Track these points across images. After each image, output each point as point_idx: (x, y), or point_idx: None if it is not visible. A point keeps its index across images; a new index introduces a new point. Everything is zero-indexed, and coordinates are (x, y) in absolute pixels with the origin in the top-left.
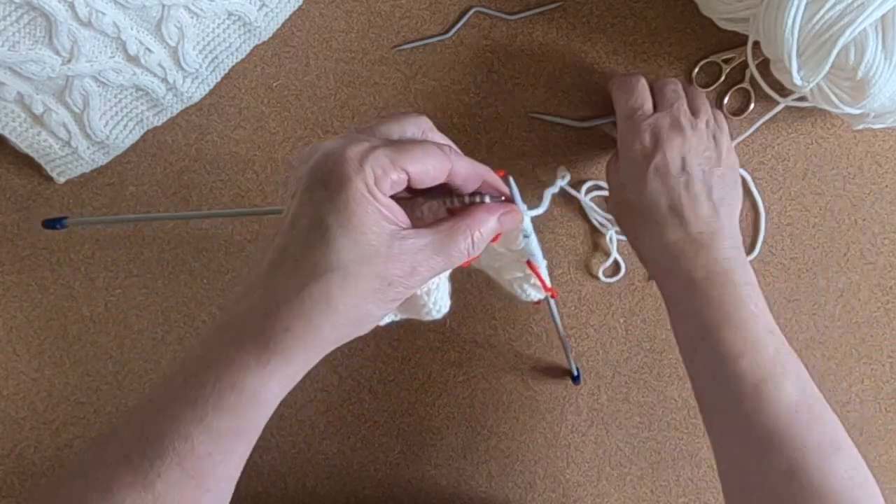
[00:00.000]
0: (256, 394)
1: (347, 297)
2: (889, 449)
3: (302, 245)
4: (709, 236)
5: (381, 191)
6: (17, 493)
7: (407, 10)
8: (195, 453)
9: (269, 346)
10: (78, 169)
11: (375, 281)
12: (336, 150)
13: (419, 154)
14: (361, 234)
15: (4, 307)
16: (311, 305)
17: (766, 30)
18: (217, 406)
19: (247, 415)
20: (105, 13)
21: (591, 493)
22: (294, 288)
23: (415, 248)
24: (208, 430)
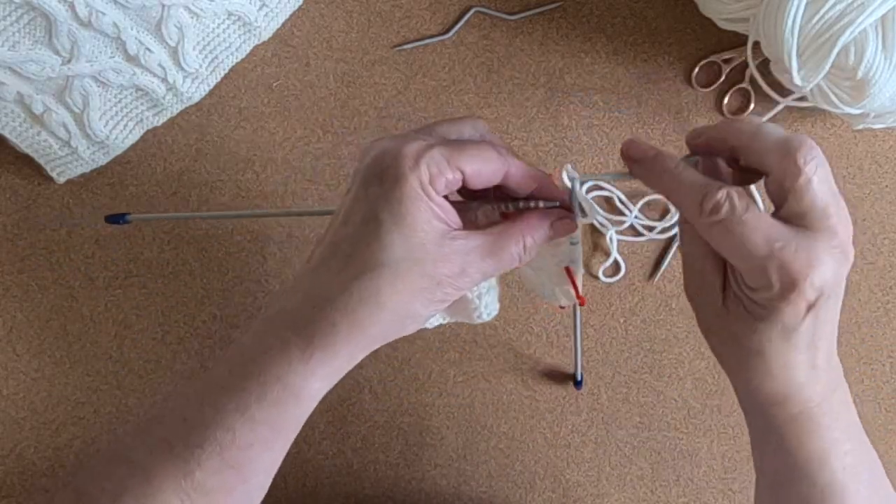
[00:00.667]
0: (299, 388)
1: (396, 294)
2: (889, 449)
3: (354, 240)
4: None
5: (435, 189)
6: (17, 493)
7: (407, 10)
8: (236, 444)
9: (314, 340)
10: (78, 169)
11: (425, 279)
12: (393, 148)
13: (475, 154)
14: (413, 232)
15: (4, 307)
16: (358, 301)
17: (766, 30)
18: (260, 398)
19: (289, 409)
20: (105, 13)
21: (591, 493)
22: (343, 283)
23: (465, 248)
24: (251, 422)
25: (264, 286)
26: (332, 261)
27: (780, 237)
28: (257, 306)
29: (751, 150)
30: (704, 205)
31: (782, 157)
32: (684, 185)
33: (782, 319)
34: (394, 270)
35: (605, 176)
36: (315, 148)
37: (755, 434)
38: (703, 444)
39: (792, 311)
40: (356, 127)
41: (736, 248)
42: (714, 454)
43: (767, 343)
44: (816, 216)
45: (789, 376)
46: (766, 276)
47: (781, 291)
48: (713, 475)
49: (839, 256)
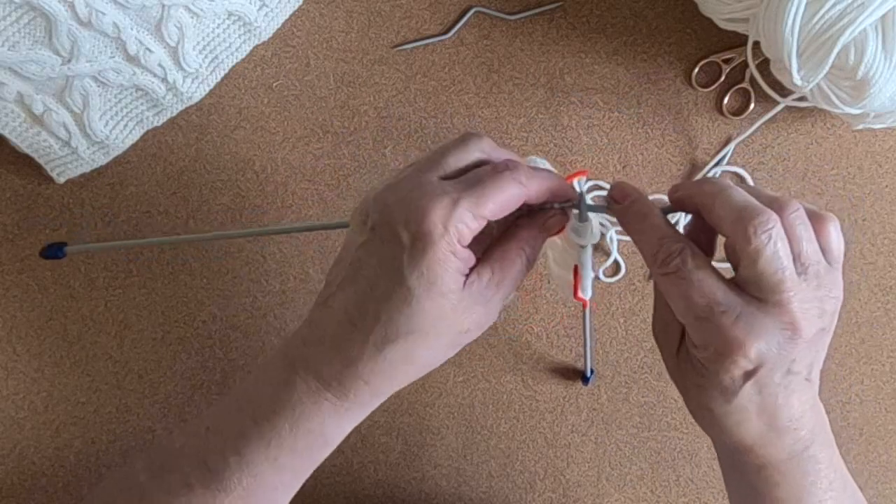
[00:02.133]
0: (332, 436)
1: (427, 353)
2: (889, 449)
3: (383, 305)
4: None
5: (462, 245)
6: (17, 493)
7: (407, 10)
8: (263, 487)
9: (348, 396)
10: (78, 169)
11: (452, 334)
12: (418, 211)
13: (496, 195)
14: (441, 296)
15: (4, 307)
16: (391, 363)
17: (766, 30)
18: (292, 447)
19: (317, 453)
20: (105, 13)
21: (591, 493)
22: (374, 347)
23: (479, 289)
24: (279, 469)
25: (264, 286)
26: (362, 323)
27: (725, 302)
28: (257, 306)
29: (712, 211)
30: (658, 254)
31: (735, 224)
32: (647, 233)
33: (720, 382)
34: (425, 334)
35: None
36: (315, 148)
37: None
38: (704, 444)
39: (727, 376)
40: (356, 127)
41: (678, 302)
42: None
43: (711, 401)
44: (766, 287)
45: (741, 434)
46: (703, 337)
47: (715, 355)
48: (713, 475)
49: (787, 334)
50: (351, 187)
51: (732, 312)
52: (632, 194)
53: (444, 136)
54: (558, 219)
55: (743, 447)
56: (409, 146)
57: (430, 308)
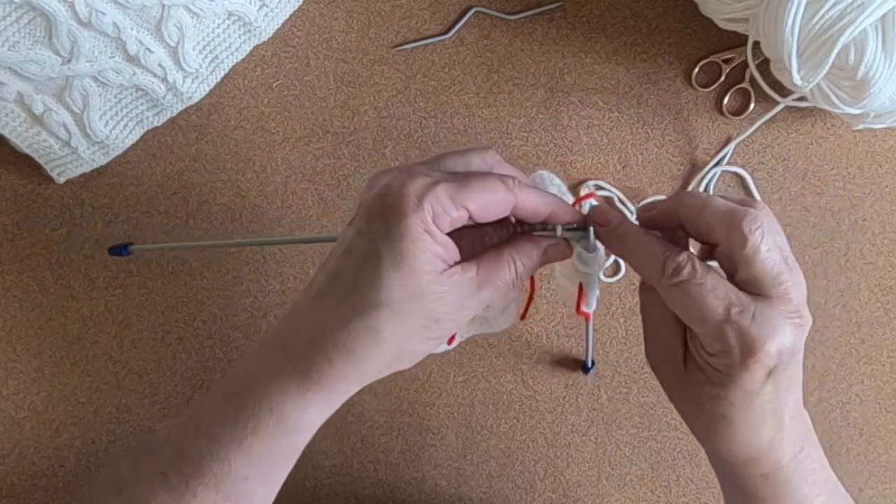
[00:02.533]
0: (295, 420)
1: (394, 333)
2: (889, 449)
3: (353, 275)
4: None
5: (439, 228)
6: (17, 493)
7: (407, 10)
8: (232, 476)
9: (311, 375)
10: (78, 169)
11: (422, 318)
12: (397, 184)
13: (480, 190)
14: (412, 272)
15: (4, 307)
16: (355, 338)
17: (766, 30)
18: (256, 429)
19: (285, 440)
20: (105, 13)
21: (591, 493)
22: (340, 318)
23: (460, 283)
24: (247, 454)
25: (264, 286)
26: (331, 293)
27: (739, 302)
28: (257, 306)
29: (699, 223)
30: (666, 266)
31: (728, 228)
32: (647, 248)
33: (742, 385)
34: (393, 310)
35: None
36: (315, 148)
37: (727, 495)
38: None
39: (751, 377)
40: (356, 127)
41: (694, 311)
42: None
43: (731, 408)
44: (769, 283)
45: (756, 440)
46: (725, 341)
47: (740, 357)
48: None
49: (797, 322)
50: (351, 187)
51: (748, 312)
52: (613, 217)
53: (443, 136)
54: (561, 249)
55: (753, 456)
56: (409, 146)
57: (399, 283)
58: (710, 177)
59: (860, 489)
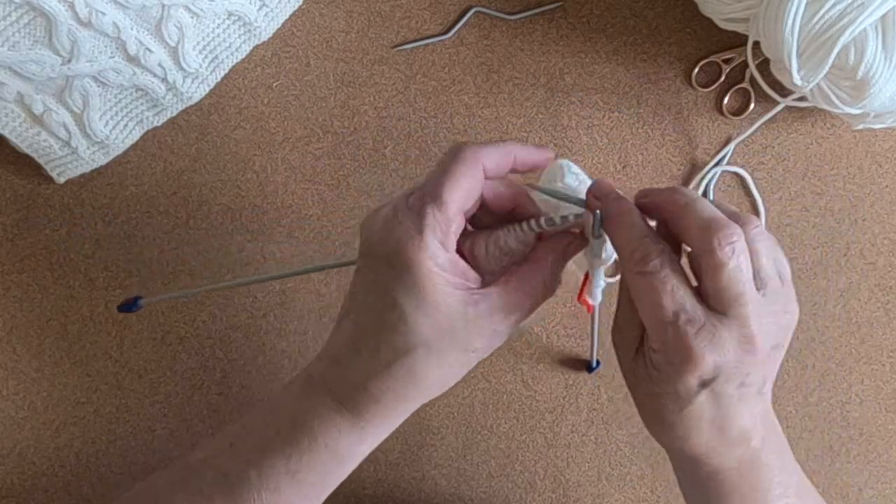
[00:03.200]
0: (349, 453)
1: (432, 370)
2: (889, 449)
3: (379, 326)
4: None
5: (447, 250)
6: (17, 493)
7: (407, 10)
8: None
9: (364, 415)
10: (78, 169)
11: (457, 352)
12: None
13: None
14: (436, 310)
15: (4, 307)
16: (398, 381)
17: (766, 30)
18: (311, 463)
19: (337, 471)
20: (105, 13)
21: (591, 493)
22: (380, 366)
23: (490, 311)
24: (299, 484)
25: (264, 286)
26: (365, 344)
27: (692, 311)
28: (257, 306)
29: (680, 220)
30: (636, 252)
31: (702, 235)
32: (627, 230)
33: (675, 388)
34: (427, 350)
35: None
36: (315, 148)
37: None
38: None
39: (683, 382)
40: (356, 127)
41: (647, 304)
42: None
43: (664, 408)
44: (727, 301)
45: (693, 443)
46: (665, 342)
47: (674, 360)
48: None
49: (745, 347)
50: (351, 187)
51: (696, 323)
52: (612, 192)
53: (443, 137)
54: (577, 244)
55: (693, 455)
56: (409, 146)
57: (425, 323)
58: (710, 177)
59: (860, 489)
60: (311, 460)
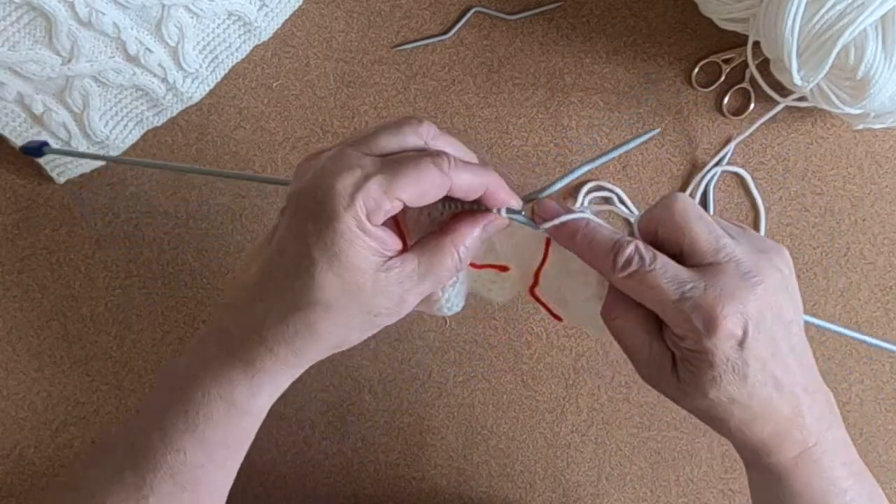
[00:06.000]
0: (245, 405)
1: (331, 328)
2: (889, 449)
3: (287, 273)
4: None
5: (372, 223)
6: (17, 493)
7: (407, 10)
8: (188, 465)
9: (256, 363)
10: (78, 169)
11: (361, 314)
12: (325, 182)
13: (414, 178)
14: (347, 271)
15: (4, 307)
16: (294, 333)
17: (766, 30)
18: (208, 416)
19: (238, 425)
20: (105, 13)
21: (591, 493)
22: (278, 313)
23: (400, 277)
24: (201, 442)
25: None
26: (268, 289)
27: (689, 279)
28: None
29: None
30: (618, 260)
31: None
32: (596, 244)
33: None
34: (327, 307)
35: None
36: (315, 148)
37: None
38: (703, 444)
39: (723, 348)
40: (356, 127)
41: (652, 297)
42: (714, 454)
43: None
44: (710, 249)
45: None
46: (686, 319)
47: (706, 332)
48: (713, 475)
49: (752, 280)
50: None
51: (700, 285)
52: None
53: None
54: (499, 223)
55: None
56: None
57: (333, 282)
58: (710, 177)
59: None
60: (207, 413)
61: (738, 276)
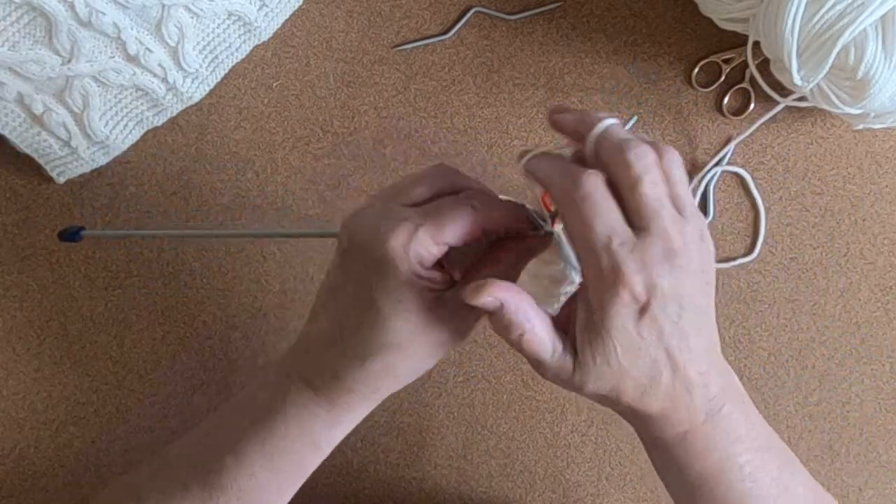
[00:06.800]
0: (323, 440)
1: (406, 365)
2: (889, 449)
3: (357, 323)
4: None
5: (424, 267)
6: (17, 493)
7: (407, 10)
8: (257, 488)
9: (337, 402)
10: (78, 169)
11: (429, 347)
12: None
13: (455, 223)
14: (411, 314)
15: (4, 307)
16: (373, 375)
17: (766, 30)
18: (285, 448)
19: (310, 458)
20: (105, 13)
21: (591, 493)
22: (355, 357)
23: (456, 308)
24: (273, 470)
25: (264, 286)
26: (342, 339)
27: (622, 233)
28: (257, 306)
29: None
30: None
31: (617, 152)
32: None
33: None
34: (400, 348)
35: None
36: (315, 148)
37: (653, 459)
38: None
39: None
40: (356, 127)
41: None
42: None
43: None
44: (649, 216)
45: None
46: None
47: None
48: None
49: (674, 262)
50: (351, 187)
51: (627, 245)
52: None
53: (443, 137)
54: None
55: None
56: (409, 146)
57: (401, 325)
58: (710, 177)
59: (860, 489)
60: (286, 446)
61: (660, 251)
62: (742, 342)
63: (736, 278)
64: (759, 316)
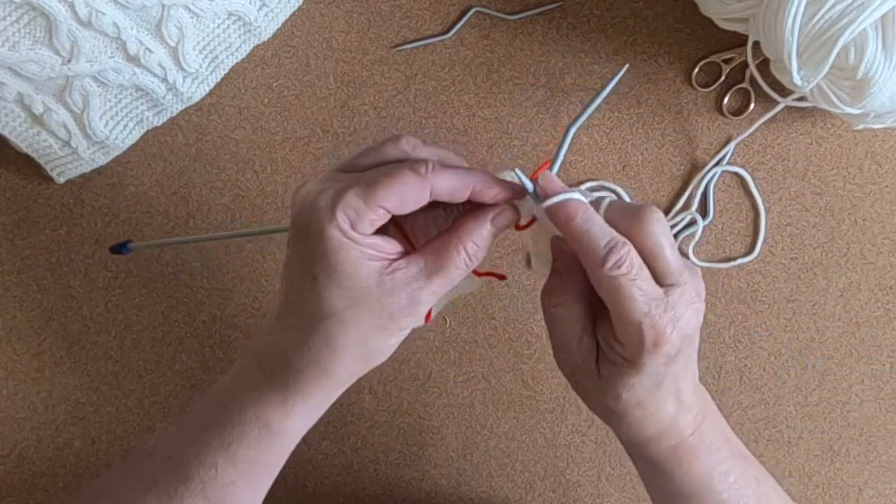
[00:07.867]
0: (279, 427)
1: (349, 340)
2: (889, 449)
3: (296, 296)
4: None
5: (360, 233)
6: (17, 493)
7: (407, 10)
8: (218, 481)
9: (289, 385)
10: (78, 169)
11: (374, 319)
12: (309, 201)
13: (391, 186)
14: (348, 280)
15: (4, 307)
16: (316, 351)
17: (766, 30)
18: (241, 436)
19: (270, 446)
20: (105, 13)
21: (591, 493)
22: (298, 335)
23: (407, 278)
24: (232, 460)
25: (264, 286)
26: (287, 314)
27: (657, 297)
28: (257, 306)
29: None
30: (609, 258)
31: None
32: (591, 235)
33: (650, 371)
34: (339, 319)
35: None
36: (315, 148)
37: (643, 474)
38: None
39: (656, 363)
40: (356, 127)
41: (622, 304)
42: None
43: (642, 393)
44: (676, 274)
45: (664, 416)
46: (641, 333)
47: (651, 346)
48: None
49: (698, 306)
50: None
51: (662, 305)
52: (560, 188)
53: (444, 136)
54: (506, 215)
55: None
56: None
57: (336, 293)
58: (710, 177)
59: (860, 489)
60: (242, 433)
61: (688, 301)
62: (742, 342)
63: (736, 278)
64: (759, 316)
